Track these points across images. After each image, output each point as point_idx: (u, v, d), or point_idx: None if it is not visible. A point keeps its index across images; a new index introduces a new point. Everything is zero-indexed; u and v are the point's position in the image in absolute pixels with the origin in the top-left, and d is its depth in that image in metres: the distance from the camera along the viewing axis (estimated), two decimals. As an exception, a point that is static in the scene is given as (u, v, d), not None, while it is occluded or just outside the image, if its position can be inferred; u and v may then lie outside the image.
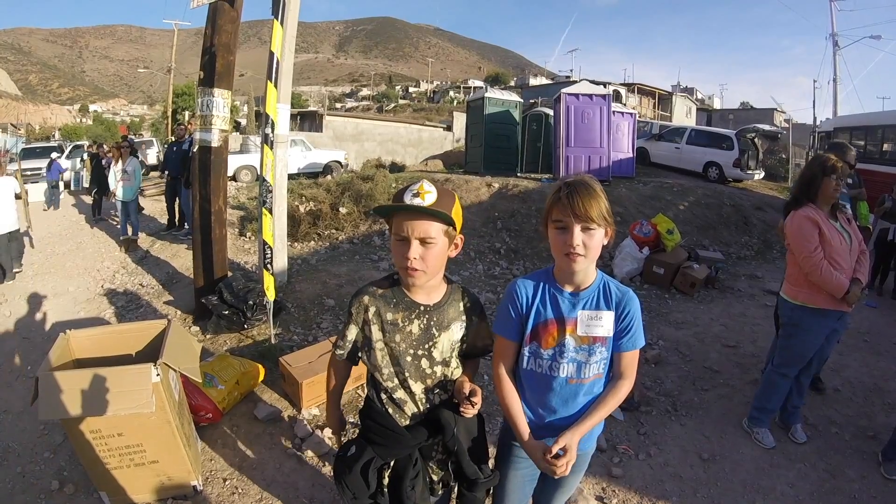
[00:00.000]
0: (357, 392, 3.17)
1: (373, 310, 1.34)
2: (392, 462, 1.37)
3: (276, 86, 3.52)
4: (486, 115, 10.40)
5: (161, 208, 8.55)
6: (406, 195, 1.23)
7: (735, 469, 2.60)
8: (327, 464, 2.52)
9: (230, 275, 4.30)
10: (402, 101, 61.36)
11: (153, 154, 16.74)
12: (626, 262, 5.71)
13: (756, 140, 12.45)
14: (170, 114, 26.65)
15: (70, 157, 14.40)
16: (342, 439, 1.66)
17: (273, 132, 3.56)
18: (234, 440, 2.72)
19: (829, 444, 2.82)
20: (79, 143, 18.69)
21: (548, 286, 1.34)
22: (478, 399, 1.29)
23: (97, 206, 8.78)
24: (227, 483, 2.42)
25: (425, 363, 1.35)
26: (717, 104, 50.93)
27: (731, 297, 5.32)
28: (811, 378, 2.94)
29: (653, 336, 4.15)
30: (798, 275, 2.57)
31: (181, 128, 7.78)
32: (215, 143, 4.02)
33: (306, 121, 22.22)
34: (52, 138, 32.28)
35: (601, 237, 1.25)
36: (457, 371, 1.41)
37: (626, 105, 16.65)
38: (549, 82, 39.78)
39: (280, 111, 3.92)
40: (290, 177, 7.46)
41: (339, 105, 62.08)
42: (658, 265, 5.52)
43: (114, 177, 7.11)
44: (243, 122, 24.62)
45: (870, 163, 9.09)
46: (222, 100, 3.99)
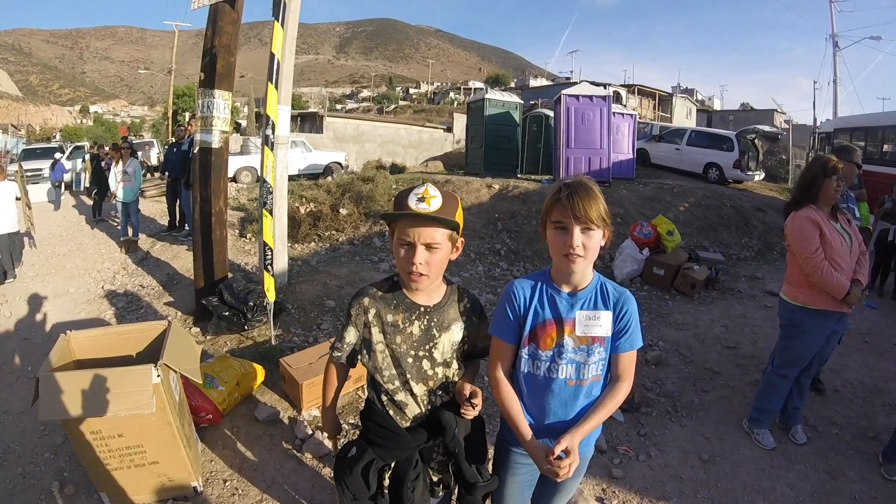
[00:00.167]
0: (357, 393, 3.17)
1: (373, 311, 1.34)
2: (392, 463, 1.37)
3: (276, 87, 3.52)
4: (486, 116, 10.40)
5: (161, 209, 8.57)
6: (410, 199, 1.23)
7: (735, 470, 2.60)
8: (327, 465, 2.52)
9: (230, 276, 4.30)
10: (402, 103, 61.50)
11: (154, 155, 16.74)
12: (626, 264, 5.71)
13: (756, 141, 12.44)
14: (170, 115, 26.65)
15: (70, 158, 14.39)
16: (337, 445, 1.65)
17: (273, 133, 3.56)
18: (234, 441, 2.73)
19: (829, 445, 2.82)
20: (79, 143, 18.68)
21: (545, 287, 1.34)
22: (478, 400, 1.29)
23: (97, 206, 8.80)
24: (227, 484, 2.42)
25: (426, 364, 1.35)
26: (718, 105, 50.99)
27: (731, 299, 5.32)
28: (811, 379, 2.94)
29: (653, 337, 4.16)
30: (798, 276, 2.57)
31: (181, 129, 7.79)
32: (216, 145, 4.03)
33: (307, 122, 22.25)
34: (53, 139, 32.29)
35: (599, 238, 1.26)
36: (458, 373, 1.41)
37: (626, 106, 16.63)
38: (550, 84, 39.82)
39: (280, 112, 3.93)
40: (291, 178, 7.48)
41: (339, 106, 62.13)
42: (658, 266, 5.53)
43: (114, 178, 7.13)
44: (244, 123, 24.59)
45: (870, 164, 9.08)
46: (223, 101, 4.00)
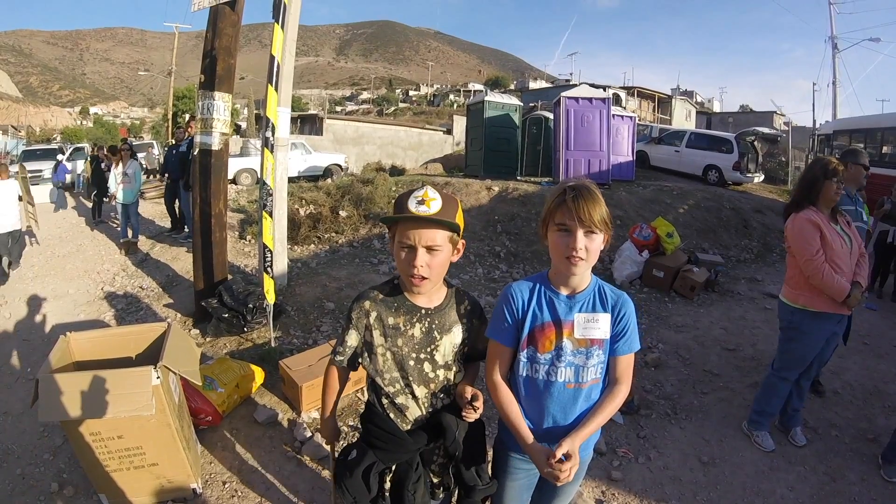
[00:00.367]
0: (357, 395, 3.17)
1: (374, 314, 1.34)
2: (393, 466, 1.37)
3: (276, 89, 3.52)
4: (485, 118, 10.41)
5: (160, 211, 8.56)
6: (410, 202, 1.23)
7: (735, 472, 2.60)
8: (326, 467, 2.52)
9: (230, 278, 4.30)
10: (402, 105, 61.59)
11: (155, 157, 16.73)
12: (625, 266, 5.71)
13: (756, 143, 12.47)
14: (170, 116, 26.67)
15: (70, 159, 14.40)
16: (335, 449, 1.65)
17: (273, 135, 3.56)
18: (233, 443, 2.72)
19: (829, 447, 2.82)
20: (79, 145, 18.69)
21: (543, 289, 1.35)
22: (479, 403, 1.29)
23: (97, 208, 8.80)
24: (226, 486, 2.42)
25: (428, 367, 1.35)
26: (717, 107, 51.05)
27: (730, 301, 5.32)
28: (811, 381, 2.94)
29: (653, 339, 4.16)
30: (798, 278, 2.57)
31: (180, 130, 7.79)
32: (216, 147, 4.03)
33: (306, 124, 22.25)
34: (53, 141, 32.28)
35: (601, 242, 1.27)
36: (458, 375, 1.41)
37: (625, 108, 16.68)
38: (549, 86, 39.94)
39: (280, 114, 3.93)
40: (291, 180, 7.49)
41: (339, 108, 62.16)
42: (658, 268, 5.53)
43: (114, 179, 7.13)
44: (244, 125, 24.64)
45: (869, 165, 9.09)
46: (223, 103, 4.01)
